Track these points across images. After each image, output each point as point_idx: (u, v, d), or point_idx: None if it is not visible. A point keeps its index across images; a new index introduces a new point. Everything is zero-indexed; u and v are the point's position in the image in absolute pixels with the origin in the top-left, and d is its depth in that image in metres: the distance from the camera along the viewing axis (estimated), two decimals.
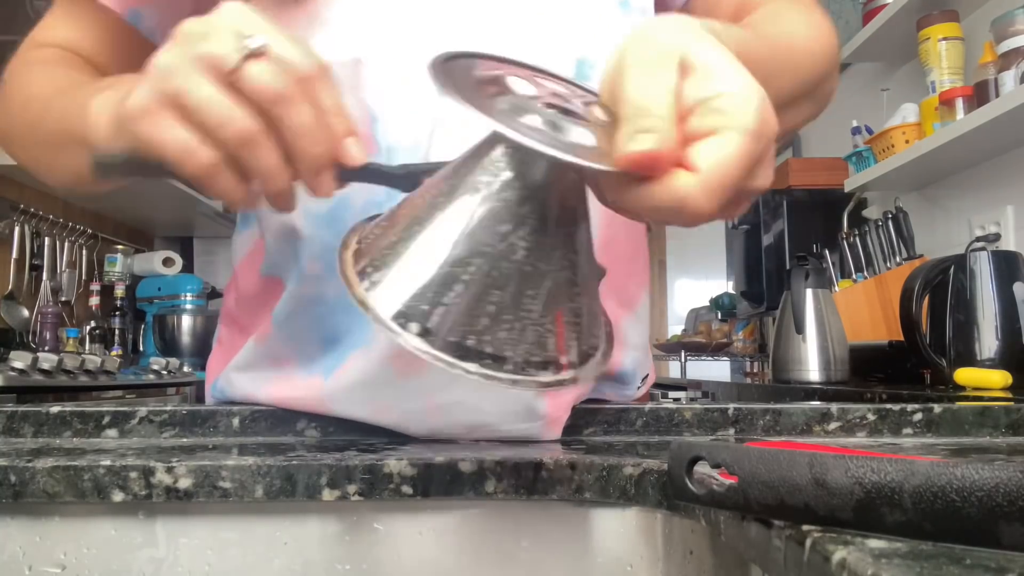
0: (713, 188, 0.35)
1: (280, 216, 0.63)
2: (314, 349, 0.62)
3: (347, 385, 0.59)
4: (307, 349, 0.63)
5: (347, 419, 0.62)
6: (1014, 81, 1.68)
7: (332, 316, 0.60)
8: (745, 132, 0.36)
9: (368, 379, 0.59)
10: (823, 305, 1.84)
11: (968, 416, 0.62)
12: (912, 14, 2.06)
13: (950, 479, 0.27)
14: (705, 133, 0.36)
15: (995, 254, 1.57)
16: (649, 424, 0.62)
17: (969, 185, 2.11)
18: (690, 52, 0.37)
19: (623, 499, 0.49)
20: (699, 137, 0.36)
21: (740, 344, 3.45)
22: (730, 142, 0.36)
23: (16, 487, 0.48)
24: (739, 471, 0.33)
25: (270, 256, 0.65)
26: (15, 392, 1.84)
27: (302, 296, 0.62)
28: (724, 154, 0.35)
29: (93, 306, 3.23)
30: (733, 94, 0.36)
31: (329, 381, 0.60)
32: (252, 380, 0.66)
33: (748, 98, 0.37)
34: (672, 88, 0.36)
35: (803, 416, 0.62)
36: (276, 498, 0.49)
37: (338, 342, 0.61)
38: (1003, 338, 1.52)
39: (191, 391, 2.76)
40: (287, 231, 0.62)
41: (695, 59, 0.37)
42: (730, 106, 0.36)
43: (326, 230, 0.59)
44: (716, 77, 0.37)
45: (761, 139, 0.36)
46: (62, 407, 0.61)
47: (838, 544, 0.29)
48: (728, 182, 0.36)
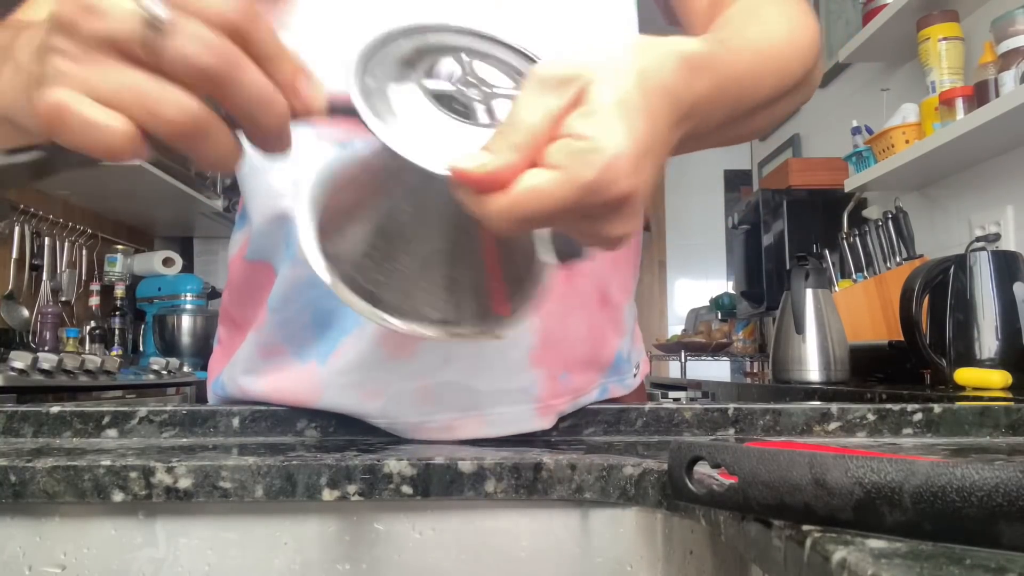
0: (513, 212, 0.36)
1: (270, 199, 0.63)
2: (308, 335, 0.63)
3: (342, 369, 0.60)
4: (301, 335, 0.63)
5: (342, 413, 0.62)
6: (1014, 81, 1.68)
7: (325, 299, 0.61)
8: (574, 182, 0.36)
9: (362, 362, 0.59)
10: (823, 305, 1.84)
11: (968, 416, 0.62)
12: (912, 14, 2.06)
13: (950, 479, 0.27)
14: (549, 166, 0.36)
15: (995, 254, 1.56)
16: (649, 424, 0.62)
17: (969, 185, 2.11)
18: (592, 86, 0.37)
19: (623, 499, 0.49)
20: (543, 165, 0.36)
21: (740, 344, 3.45)
22: (553, 181, 0.36)
23: (16, 487, 0.48)
24: (739, 471, 0.33)
25: (256, 240, 0.65)
26: (15, 392, 1.84)
27: (295, 280, 0.62)
28: (540, 189, 0.36)
29: (93, 306, 3.23)
30: (590, 142, 0.36)
31: (325, 367, 0.60)
32: (250, 374, 0.66)
33: (600, 152, 0.36)
34: (548, 113, 0.37)
35: (803, 416, 0.62)
36: (276, 498, 0.49)
37: (330, 327, 0.61)
38: (1003, 338, 1.52)
39: (191, 391, 2.76)
40: (278, 213, 0.62)
41: (590, 95, 0.37)
42: (578, 152, 0.36)
43: None
44: (591, 119, 0.37)
45: (591, 194, 0.36)
46: (62, 407, 0.61)
47: (838, 544, 0.29)
48: (531, 212, 0.36)
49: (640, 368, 0.77)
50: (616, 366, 0.71)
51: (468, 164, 0.36)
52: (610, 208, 0.38)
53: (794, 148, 3.29)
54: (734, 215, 3.00)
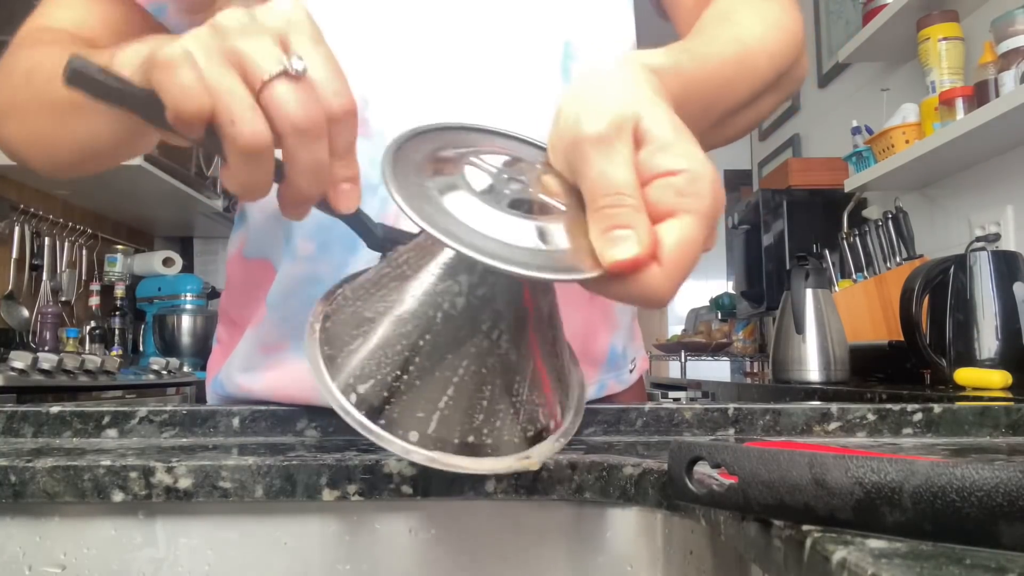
0: (676, 276, 0.36)
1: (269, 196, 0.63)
2: None
3: None
4: (300, 331, 0.63)
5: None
6: (1014, 81, 1.68)
7: None
8: (702, 215, 0.36)
9: None
10: (823, 305, 1.84)
11: (968, 416, 0.62)
12: (912, 14, 2.06)
13: (950, 479, 0.27)
14: (663, 214, 0.36)
15: (995, 254, 1.57)
16: (649, 424, 0.62)
17: (969, 185, 2.11)
18: (643, 121, 0.37)
19: (623, 499, 0.49)
20: (658, 217, 0.36)
21: (740, 344, 3.45)
22: (689, 227, 0.36)
23: (16, 487, 0.48)
24: (739, 471, 0.33)
25: (254, 236, 0.65)
26: (15, 392, 1.84)
27: (295, 276, 0.61)
28: (685, 241, 0.36)
29: (93, 306, 3.23)
30: (689, 173, 0.36)
31: None
32: (249, 371, 0.66)
33: (703, 177, 0.36)
34: (630, 164, 0.37)
35: (803, 416, 0.62)
36: (276, 498, 0.49)
37: None
38: (1003, 338, 1.52)
39: (191, 391, 2.76)
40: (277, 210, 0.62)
41: (648, 129, 0.37)
42: (687, 187, 0.36)
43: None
44: (670, 151, 0.37)
45: (715, 219, 0.37)
46: (62, 407, 0.61)
47: (838, 544, 0.29)
48: (689, 266, 0.36)
49: (637, 364, 0.77)
50: (612, 360, 0.71)
51: (619, 254, 0.35)
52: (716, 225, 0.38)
53: (794, 148, 3.29)
54: (734, 215, 3.00)
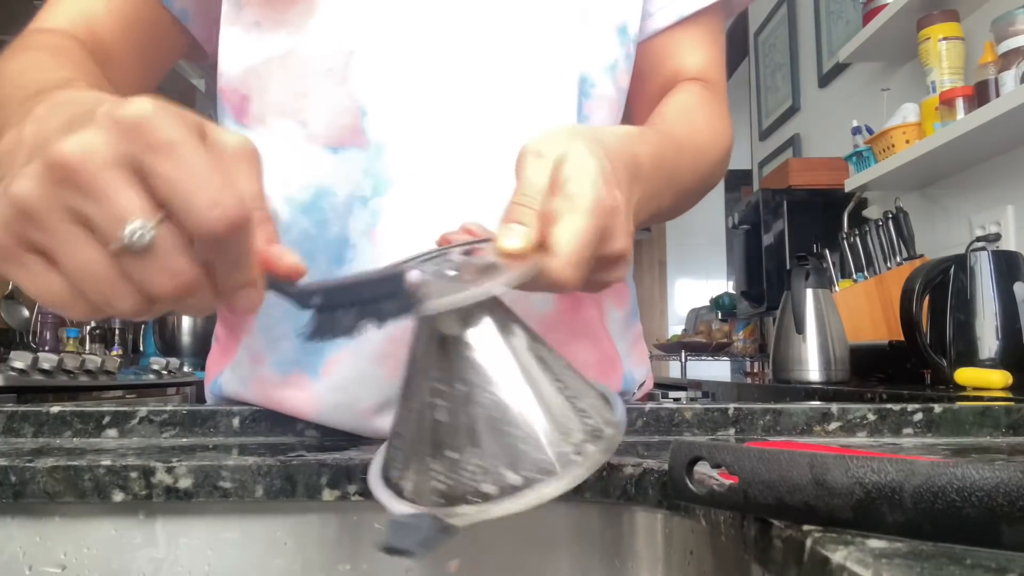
0: (574, 263, 0.42)
1: None
2: (289, 345, 0.62)
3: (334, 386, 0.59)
4: (282, 345, 0.62)
5: (335, 427, 0.61)
6: (1014, 81, 1.68)
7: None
8: (587, 212, 0.42)
9: (355, 376, 0.59)
10: (823, 305, 1.84)
11: (968, 416, 0.62)
12: (912, 14, 2.06)
13: (950, 479, 0.27)
14: (558, 217, 0.42)
15: (995, 254, 1.56)
16: (649, 424, 0.62)
17: (969, 185, 2.11)
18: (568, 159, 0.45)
19: (623, 499, 0.49)
20: (554, 220, 0.42)
21: (740, 344, 3.45)
22: (576, 223, 0.42)
23: (16, 487, 0.48)
24: (739, 471, 0.33)
25: None
26: (15, 392, 1.84)
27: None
28: (574, 235, 0.42)
29: None
30: (573, 180, 0.43)
31: (318, 381, 0.60)
32: (240, 380, 0.66)
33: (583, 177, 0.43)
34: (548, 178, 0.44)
35: (803, 416, 0.62)
36: (276, 498, 0.49)
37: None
38: (1003, 338, 1.52)
39: (191, 391, 2.76)
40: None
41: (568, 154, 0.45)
42: (572, 190, 0.43)
43: (305, 217, 0.59)
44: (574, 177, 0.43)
45: (604, 213, 0.43)
46: (62, 407, 0.61)
47: (838, 544, 0.29)
48: (583, 255, 0.42)
49: (644, 386, 0.76)
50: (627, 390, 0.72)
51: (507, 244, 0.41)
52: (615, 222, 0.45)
53: (794, 148, 3.29)
54: (734, 215, 3.00)
